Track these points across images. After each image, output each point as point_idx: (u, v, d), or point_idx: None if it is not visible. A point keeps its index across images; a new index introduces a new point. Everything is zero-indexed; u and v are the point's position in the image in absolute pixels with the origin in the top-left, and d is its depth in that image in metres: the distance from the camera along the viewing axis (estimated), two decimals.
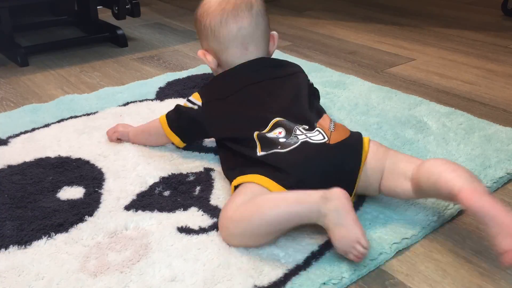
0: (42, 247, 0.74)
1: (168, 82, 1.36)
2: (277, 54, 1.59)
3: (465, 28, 1.97)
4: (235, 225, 0.72)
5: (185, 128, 0.94)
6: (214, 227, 0.78)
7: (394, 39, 1.83)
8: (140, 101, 1.24)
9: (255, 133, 0.83)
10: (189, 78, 1.39)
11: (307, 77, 0.98)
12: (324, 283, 0.67)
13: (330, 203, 0.68)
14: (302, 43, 1.77)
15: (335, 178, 0.76)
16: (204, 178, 0.91)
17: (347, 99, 1.24)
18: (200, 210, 0.82)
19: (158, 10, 2.26)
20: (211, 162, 0.96)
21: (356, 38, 1.84)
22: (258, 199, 0.72)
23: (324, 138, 0.80)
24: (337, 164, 0.78)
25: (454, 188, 0.68)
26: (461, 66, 1.54)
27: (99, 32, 1.79)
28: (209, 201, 0.85)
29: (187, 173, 0.93)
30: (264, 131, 0.83)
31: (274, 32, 1.00)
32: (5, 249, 0.74)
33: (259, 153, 0.80)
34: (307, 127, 0.83)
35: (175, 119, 0.94)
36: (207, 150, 1.00)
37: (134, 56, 1.63)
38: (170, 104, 1.22)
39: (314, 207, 0.69)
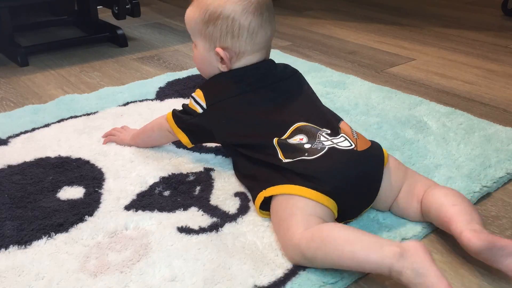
0: (42, 247, 0.74)
1: (168, 82, 1.36)
2: (277, 54, 1.59)
3: (465, 28, 1.97)
4: (302, 254, 0.68)
5: (193, 130, 0.90)
6: (214, 227, 0.78)
7: (394, 39, 1.83)
8: (140, 101, 1.25)
9: (275, 140, 0.79)
10: (189, 78, 1.39)
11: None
12: (324, 283, 0.67)
13: (405, 260, 0.61)
14: (302, 43, 1.77)
15: (365, 186, 0.77)
16: (204, 178, 0.91)
17: (347, 99, 1.24)
18: (200, 210, 0.82)
19: (158, 10, 2.26)
20: (211, 162, 0.96)
21: (356, 38, 1.84)
22: (324, 233, 0.67)
23: (351, 144, 0.78)
24: (366, 171, 0.77)
25: (456, 230, 0.69)
26: (461, 66, 1.54)
27: (99, 32, 1.79)
28: (209, 201, 0.85)
29: (187, 173, 0.93)
30: (283, 137, 0.80)
31: None
32: (5, 249, 0.74)
33: (284, 160, 0.77)
34: (329, 131, 0.81)
35: (182, 119, 0.89)
36: (207, 150, 1.00)
37: (134, 56, 1.63)
38: (170, 104, 1.22)
39: (386, 263, 0.62)
